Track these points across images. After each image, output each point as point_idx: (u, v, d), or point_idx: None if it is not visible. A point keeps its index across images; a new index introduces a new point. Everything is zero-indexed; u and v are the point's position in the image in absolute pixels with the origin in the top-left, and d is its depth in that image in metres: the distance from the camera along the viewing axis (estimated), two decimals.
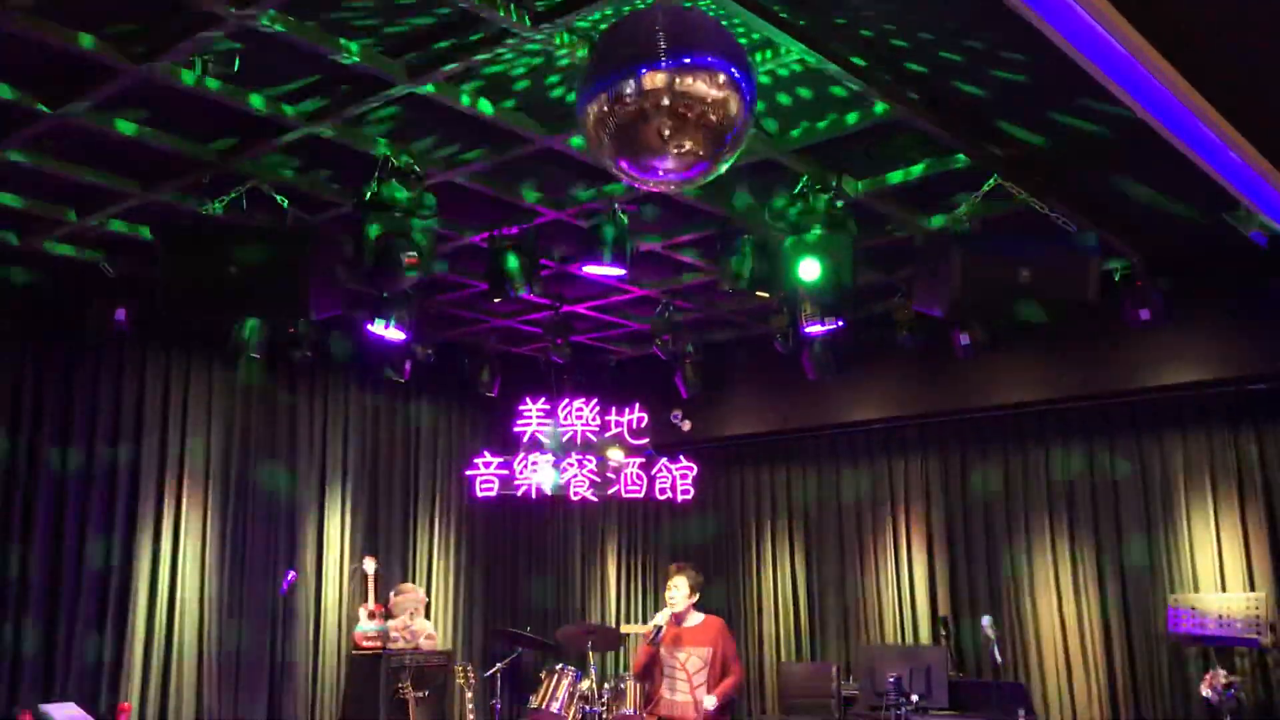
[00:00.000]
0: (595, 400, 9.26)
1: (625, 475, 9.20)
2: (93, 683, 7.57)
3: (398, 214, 5.78)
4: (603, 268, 6.50)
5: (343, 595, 9.18)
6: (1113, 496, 8.73)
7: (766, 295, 7.10)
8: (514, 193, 6.59)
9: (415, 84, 5.12)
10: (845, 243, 6.11)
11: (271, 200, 6.16)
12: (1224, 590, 8.04)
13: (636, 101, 3.32)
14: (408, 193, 5.80)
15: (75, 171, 6.14)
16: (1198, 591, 8.13)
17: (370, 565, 9.23)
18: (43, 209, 6.67)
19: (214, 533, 8.40)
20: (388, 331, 7.63)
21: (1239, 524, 8.12)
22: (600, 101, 3.40)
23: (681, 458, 9.50)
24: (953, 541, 9.47)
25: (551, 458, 9.01)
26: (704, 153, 3.45)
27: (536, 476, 9.08)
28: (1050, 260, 5.78)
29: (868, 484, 10.01)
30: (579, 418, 9.14)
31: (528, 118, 5.64)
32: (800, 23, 4.65)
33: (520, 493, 9.18)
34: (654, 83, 3.29)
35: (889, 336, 8.29)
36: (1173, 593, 8.24)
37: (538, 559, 11.13)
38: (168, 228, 6.21)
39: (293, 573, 7.96)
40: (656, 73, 3.28)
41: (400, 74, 5.07)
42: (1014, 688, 8.15)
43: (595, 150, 3.59)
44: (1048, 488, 9.06)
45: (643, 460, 9.25)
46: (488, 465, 9.33)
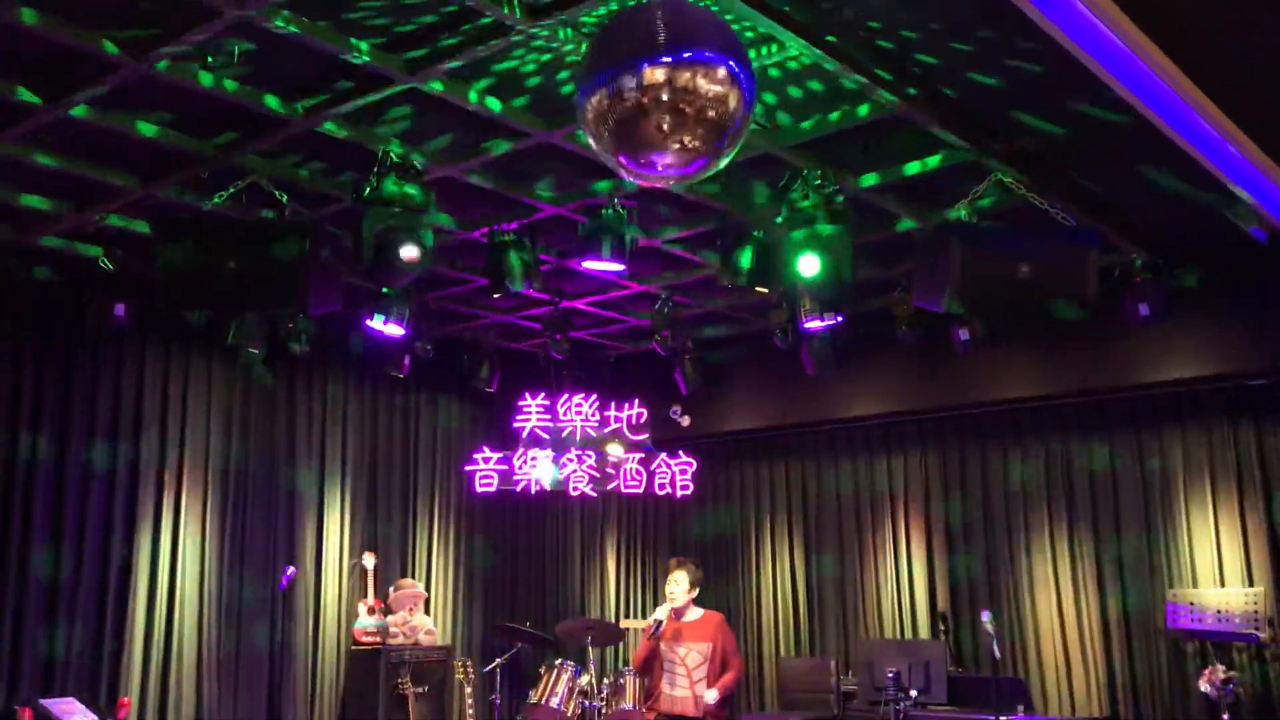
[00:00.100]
0: (595, 396, 9.26)
1: (625, 471, 9.20)
2: (93, 678, 7.57)
3: (397, 209, 5.78)
4: (602, 263, 6.50)
5: (342, 591, 9.18)
6: (1112, 492, 8.74)
7: (766, 290, 7.10)
8: (513, 188, 6.58)
9: (415, 80, 5.11)
10: (845, 238, 6.10)
11: (271, 195, 6.15)
12: (1222, 585, 8.06)
13: (636, 96, 3.32)
14: (407, 188, 5.80)
15: (74, 166, 6.13)
16: (1196, 587, 8.15)
17: (370, 561, 9.23)
18: (41, 204, 6.67)
19: (213, 528, 8.40)
20: (387, 327, 7.62)
21: (1238, 519, 8.12)
22: (599, 96, 3.39)
23: (681, 453, 9.50)
24: (952, 537, 9.47)
25: (551, 453, 9.02)
26: (704, 148, 3.45)
27: (536, 472, 9.08)
28: (1050, 256, 5.78)
29: (867, 479, 10.02)
30: (578, 413, 9.14)
31: (527, 113, 5.64)
32: (798, 18, 4.65)
33: (520, 488, 9.18)
34: (653, 77, 3.29)
35: (888, 332, 8.29)
36: (1171, 588, 8.26)
37: (537, 554, 11.14)
38: (167, 223, 6.20)
39: (291, 568, 7.96)
40: (656, 67, 3.27)
41: (400, 69, 5.06)
42: (1013, 683, 8.17)
43: (595, 145, 3.59)
44: (1047, 483, 9.06)
45: (642, 456, 9.25)
46: (487, 461, 9.33)
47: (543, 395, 9.26)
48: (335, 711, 8.95)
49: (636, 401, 9.25)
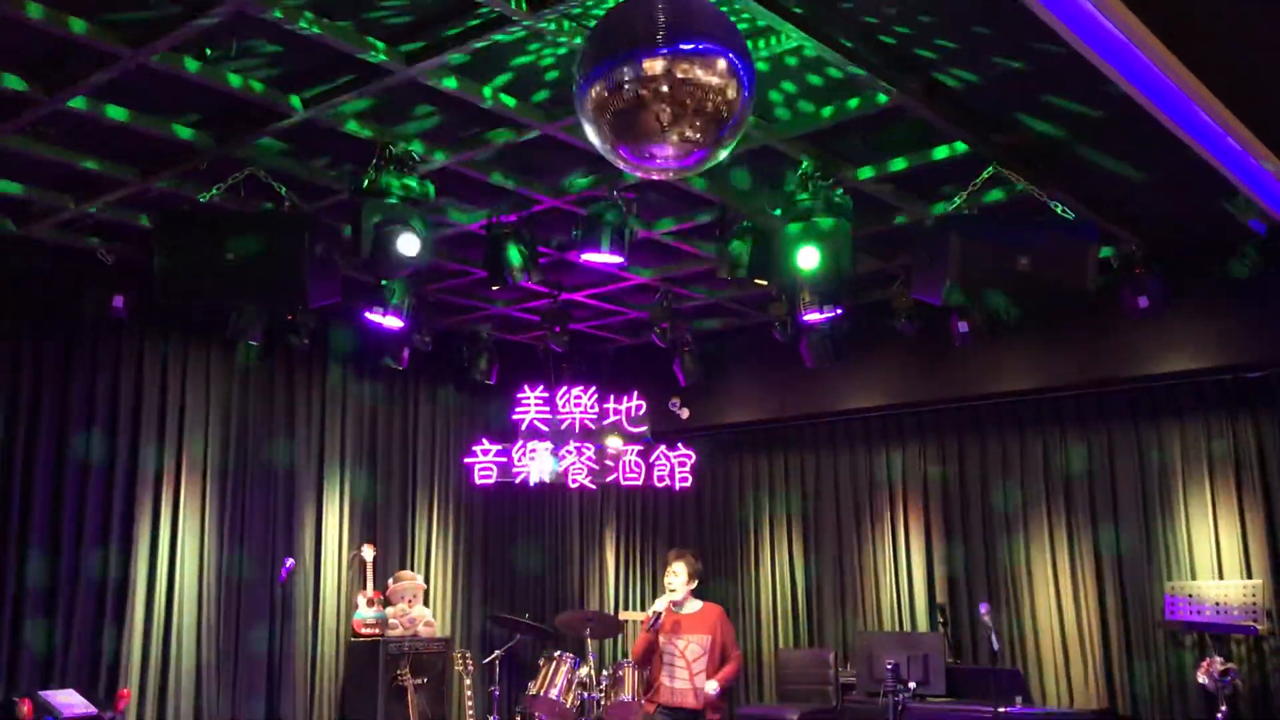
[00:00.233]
0: (594, 388, 9.26)
1: (624, 463, 9.20)
2: (92, 669, 7.57)
3: (395, 202, 5.77)
4: (601, 256, 6.49)
5: (341, 582, 9.18)
6: (1110, 484, 8.75)
7: (765, 283, 7.10)
8: (513, 180, 6.57)
9: (415, 72, 5.10)
10: (844, 231, 6.10)
11: (269, 187, 6.14)
12: (1221, 577, 8.07)
13: (635, 88, 3.31)
14: (405, 180, 5.79)
15: (72, 158, 6.12)
16: (1195, 579, 8.16)
17: (369, 552, 9.23)
18: (39, 196, 6.65)
19: (212, 520, 8.39)
20: (386, 319, 7.62)
21: (1236, 512, 8.14)
22: (598, 88, 3.39)
23: (680, 445, 9.50)
24: (950, 529, 9.49)
25: (550, 445, 9.02)
26: (703, 140, 3.45)
27: (535, 464, 9.08)
28: (1049, 248, 5.77)
29: (865, 471, 10.02)
30: (577, 405, 9.14)
31: (526, 106, 5.63)
32: (797, 10, 4.64)
33: (519, 480, 9.18)
34: (653, 69, 3.28)
35: (887, 324, 8.28)
36: (1169, 580, 8.27)
37: (536, 547, 11.13)
38: (165, 215, 6.19)
39: (290, 560, 7.96)
40: (655, 59, 3.27)
41: (399, 61, 5.05)
42: (1011, 675, 8.18)
43: (594, 137, 3.58)
44: (1045, 475, 9.08)
45: (641, 448, 9.25)
46: (486, 453, 9.33)
47: (542, 388, 9.26)
48: (334, 703, 8.96)
49: (635, 394, 9.25)
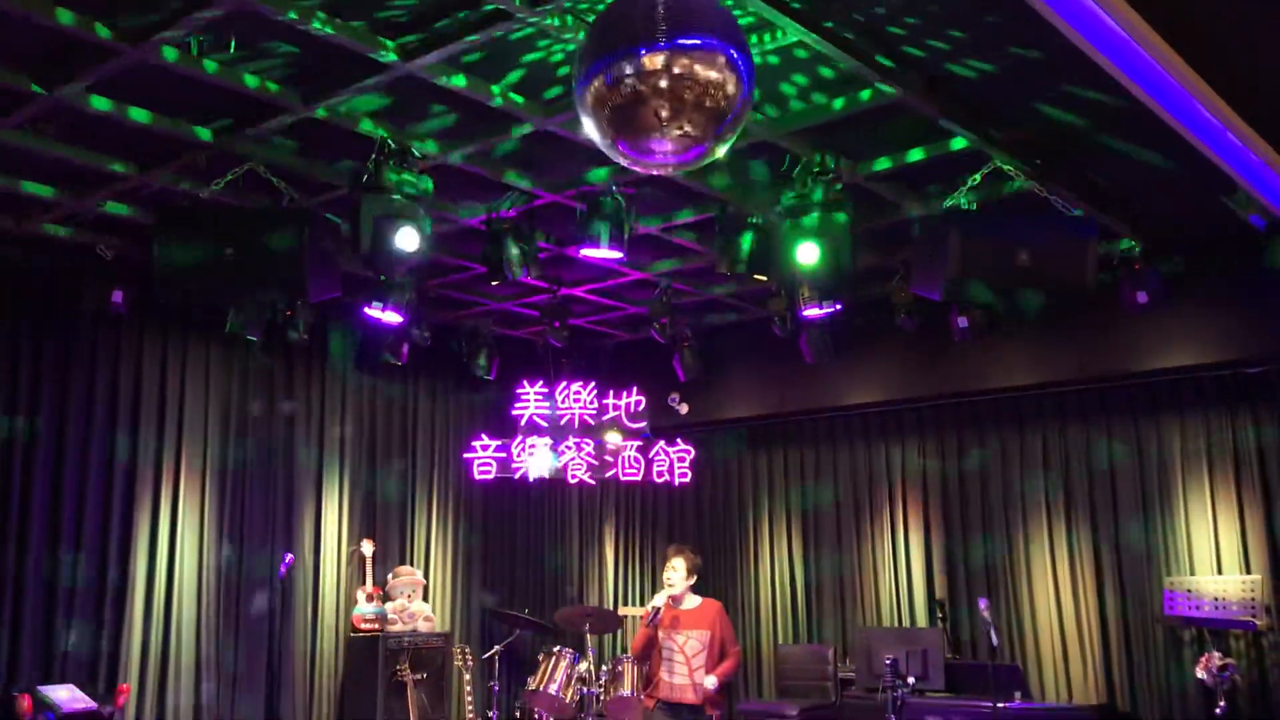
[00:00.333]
0: (593, 383, 9.25)
1: (623, 458, 9.20)
2: (91, 664, 7.58)
3: (394, 197, 5.76)
4: (601, 251, 6.49)
5: (340, 578, 9.19)
6: (1109, 479, 8.74)
7: (765, 278, 7.09)
8: (511, 174, 6.57)
9: (413, 66, 5.10)
10: (843, 226, 6.09)
11: (269, 183, 6.13)
12: (1220, 573, 8.07)
13: (634, 83, 3.31)
14: (405, 175, 5.78)
15: (71, 153, 6.11)
16: (1194, 574, 8.16)
17: (368, 548, 9.24)
18: (40, 191, 6.65)
19: (211, 516, 8.40)
20: (385, 314, 7.61)
21: (1235, 507, 8.14)
22: (598, 83, 3.38)
23: (679, 441, 9.50)
24: (949, 524, 9.49)
25: (549, 440, 9.02)
26: (702, 135, 3.44)
27: (534, 460, 9.08)
28: (1049, 243, 5.77)
29: (865, 467, 10.02)
30: (577, 401, 9.14)
31: (526, 101, 5.62)
32: (796, 4, 4.63)
33: (518, 476, 9.18)
34: (652, 64, 3.28)
35: (887, 320, 8.27)
36: (1169, 575, 8.27)
37: (536, 542, 11.15)
38: (164, 210, 6.19)
39: (290, 555, 7.96)
40: (655, 54, 3.26)
41: (397, 55, 5.04)
42: (1010, 670, 8.18)
43: (593, 133, 3.58)
44: (1045, 471, 9.07)
45: (640, 443, 9.25)
46: (485, 448, 9.33)
47: (541, 383, 9.26)
48: (334, 698, 8.97)
49: (635, 389, 9.25)
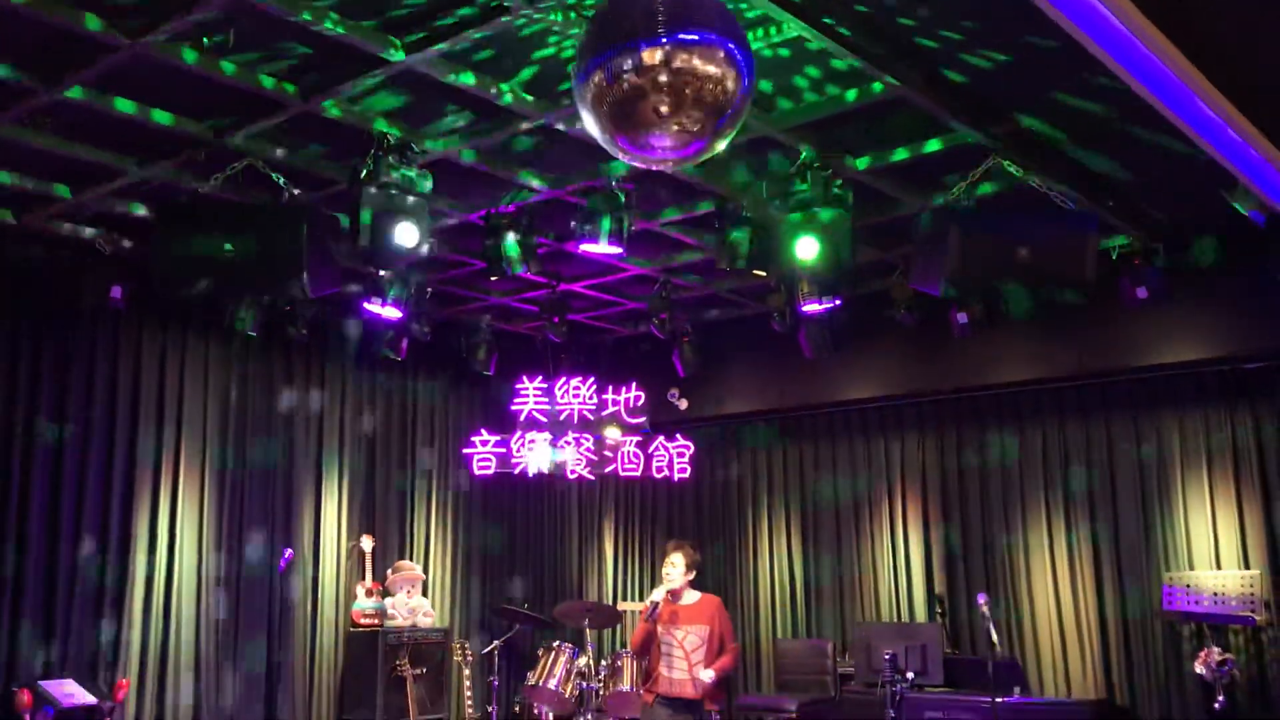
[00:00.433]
0: (592, 379, 9.26)
1: (622, 454, 9.21)
2: (91, 659, 7.58)
3: (393, 192, 5.76)
4: (600, 246, 6.48)
5: (340, 573, 9.20)
6: (1109, 475, 8.75)
7: (764, 274, 7.09)
8: (511, 170, 6.56)
9: (411, 61, 5.09)
10: (843, 221, 6.09)
11: (268, 178, 6.13)
12: (1219, 568, 8.07)
13: (634, 78, 3.31)
14: (404, 170, 5.78)
15: (71, 148, 6.11)
16: (1193, 569, 8.17)
17: (368, 543, 9.24)
18: (38, 186, 6.64)
19: (211, 511, 8.40)
20: (384, 310, 7.61)
21: (1234, 502, 8.14)
22: (597, 78, 3.38)
23: (678, 436, 9.51)
24: (949, 519, 9.49)
25: (549, 436, 9.03)
26: (702, 130, 3.44)
27: (533, 455, 9.09)
28: (1048, 239, 5.76)
29: (864, 462, 10.02)
30: (576, 396, 9.15)
31: (526, 96, 5.61)
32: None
33: (517, 471, 9.19)
34: (651, 59, 3.27)
35: (886, 315, 8.27)
36: (1168, 570, 8.28)
37: (535, 537, 11.16)
38: (163, 205, 6.18)
39: (290, 551, 7.96)
40: (654, 49, 3.26)
41: (396, 48, 5.03)
42: (1009, 665, 8.19)
43: (593, 127, 3.57)
44: (1044, 466, 9.07)
45: (640, 439, 9.26)
46: (485, 444, 9.33)
47: (540, 378, 9.27)
48: (333, 693, 8.98)
49: (634, 384, 9.26)
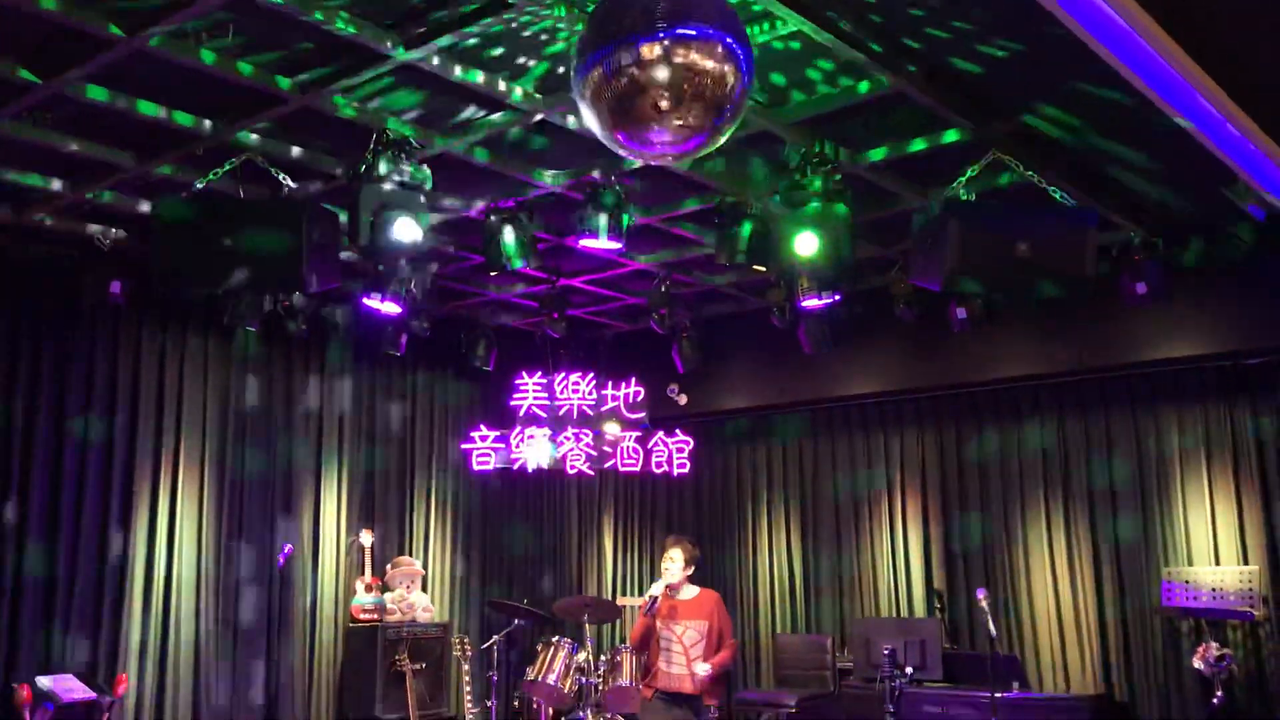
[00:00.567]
0: (592, 374, 9.26)
1: (622, 449, 9.21)
2: (90, 654, 7.58)
3: (393, 188, 5.75)
4: (599, 242, 6.48)
5: (340, 568, 9.20)
6: (1108, 470, 8.76)
7: (764, 269, 7.09)
8: (511, 165, 6.56)
9: (409, 56, 5.09)
10: (843, 217, 6.08)
11: (267, 173, 6.12)
12: (1218, 563, 8.08)
13: (633, 74, 3.30)
14: (403, 165, 5.77)
15: (69, 144, 6.10)
16: (1191, 565, 8.18)
17: (367, 538, 9.24)
18: (36, 181, 6.64)
19: (210, 506, 8.39)
20: (384, 305, 7.60)
21: (1234, 498, 8.15)
22: (596, 73, 3.38)
23: (678, 431, 9.51)
24: (948, 515, 9.50)
25: (548, 431, 9.03)
26: (701, 125, 3.43)
27: (533, 450, 9.09)
28: (1048, 234, 5.76)
29: (863, 458, 10.03)
30: (575, 392, 9.14)
31: (525, 89, 5.61)
32: None
33: (517, 467, 9.19)
34: (650, 54, 3.27)
35: (886, 310, 8.28)
36: (1166, 566, 8.29)
37: (534, 532, 11.15)
38: (162, 201, 6.16)
39: (289, 546, 7.96)
40: (653, 44, 3.25)
41: (395, 43, 5.03)
42: (1008, 660, 8.20)
43: (592, 123, 3.57)
44: (1043, 461, 9.08)
45: (639, 434, 9.26)
46: (484, 439, 9.33)
47: (540, 374, 9.27)
48: (333, 688, 8.98)
49: (633, 380, 9.26)
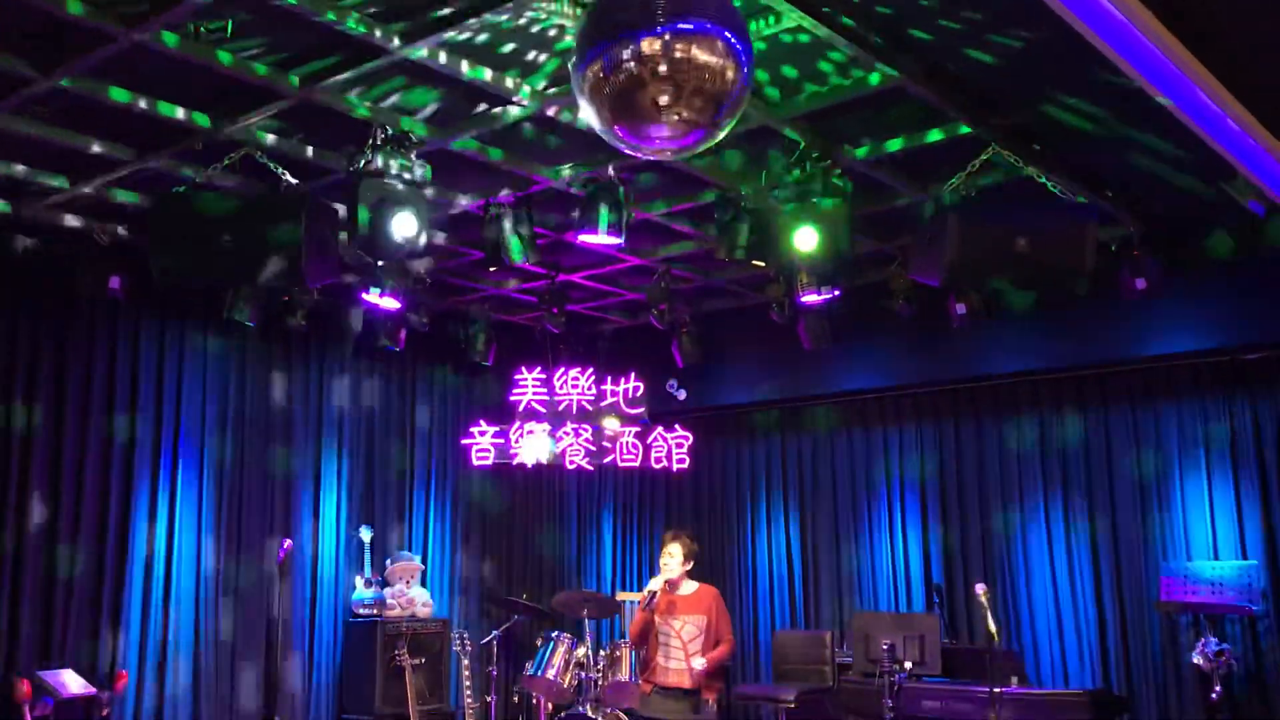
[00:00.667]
0: (591, 369, 9.26)
1: (621, 444, 9.21)
2: (90, 649, 7.58)
3: (391, 182, 5.74)
4: (599, 237, 6.47)
5: (339, 564, 9.20)
6: (1107, 465, 8.76)
7: (763, 264, 7.08)
8: (510, 160, 6.55)
9: (408, 50, 5.07)
10: (842, 212, 6.08)
11: (266, 167, 6.11)
12: (1217, 558, 8.09)
13: (633, 68, 3.30)
14: (402, 160, 5.76)
15: (68, 138, 6.09)
16: (1191, 559, 8.18)
17: (366, 534, 9.24)
18: (35, 176, 6.63)
19: (209, 501, 8.39)
20: (382, 300, 7.60)
21: (1232, 492, 8.15)
22: (596, 68, 3.37)
23: (677, 427, 9.51)
24: (947, 510, 9.50)
25: (547, 426, 9.03)
26: (701, 120, 3.43)
27: (532, 445, 9.09)
28: (1048, 229, 5.75)
29: (863, 453, 10.03)
30: (575, 387, 9.15)
31: (525, 84, 5.60)
32: None
33: (516, 462, 9.19)
34: (650, 49, 3.26)
35: (885, 305, 8.27)
36: (1165, 560, 8.29)
37: (534, 527, 11.15)
38: (161, 195, 6.16)
39: (288, 541, 7.96)
40: (653, 39, 3.25)
41: (396, 38, 5.02)
42: (1007, 655, 8.20)
43: (591, 118, 3.56)
44: (1042, 456, 9.08)
45: (638, 429, 9.26)
46: (483, 434, 9.34)
47: (539, 369, 9.27)
48: (332, 683, 8.99)
49: (633, 375, 9.26)
